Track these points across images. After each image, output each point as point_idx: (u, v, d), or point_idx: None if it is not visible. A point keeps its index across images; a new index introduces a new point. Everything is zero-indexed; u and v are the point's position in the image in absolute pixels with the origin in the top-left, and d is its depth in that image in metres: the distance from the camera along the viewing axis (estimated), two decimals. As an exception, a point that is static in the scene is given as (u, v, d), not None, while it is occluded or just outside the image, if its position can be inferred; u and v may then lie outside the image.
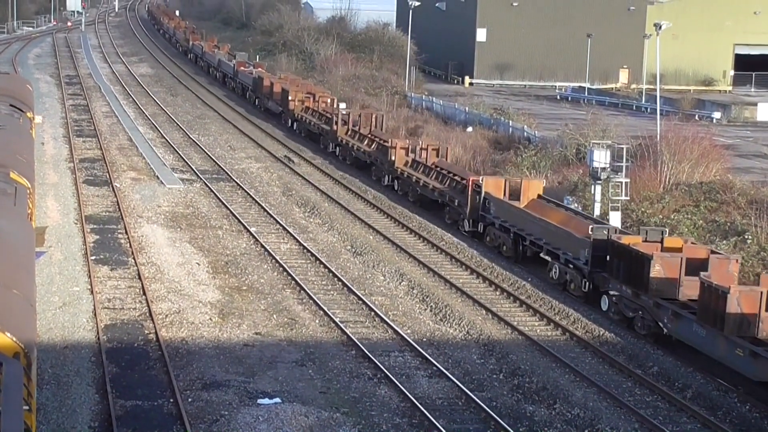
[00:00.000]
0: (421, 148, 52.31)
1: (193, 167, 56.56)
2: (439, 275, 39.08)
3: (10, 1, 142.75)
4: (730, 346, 29.15)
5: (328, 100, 69.89)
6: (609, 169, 42.35)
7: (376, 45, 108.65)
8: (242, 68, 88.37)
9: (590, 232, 36.43)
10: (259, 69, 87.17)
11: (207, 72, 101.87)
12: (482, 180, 44.50)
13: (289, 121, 71.77)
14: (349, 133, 61.34)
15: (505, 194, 43.78)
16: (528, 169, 53.52)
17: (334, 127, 62.48)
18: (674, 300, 32.34)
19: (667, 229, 37.50)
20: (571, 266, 37.44)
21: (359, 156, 58.87)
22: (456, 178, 47.42)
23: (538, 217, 40.46)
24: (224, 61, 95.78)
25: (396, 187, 53.19)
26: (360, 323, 33.52)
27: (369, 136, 58.76)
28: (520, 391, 28.68)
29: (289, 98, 71.17)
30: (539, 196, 43.85)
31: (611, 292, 35.11)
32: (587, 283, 36.41)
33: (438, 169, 49.66)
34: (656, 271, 32.58)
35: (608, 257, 35.25)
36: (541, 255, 39.96)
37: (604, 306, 35.48)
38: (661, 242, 34.32)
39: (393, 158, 53.03)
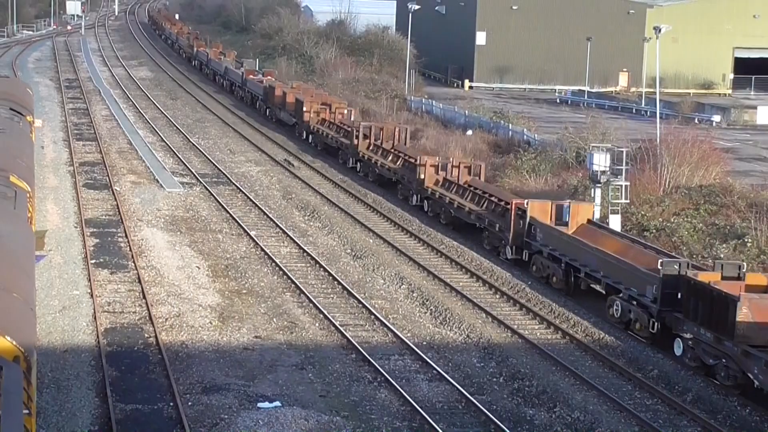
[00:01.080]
0: (453, 166, 48.62)
1: (193, 170, 56.53)
2: (438, 278, 39.06)
3: (10, 5, 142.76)
4: None
5: (345, 111, 66.58)
6: (609, 173, 42.35)
7: (376, 48, 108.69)
8: (251, 77, 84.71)
9: (660, 267, 32.56)
10: (269, 77, 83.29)
11: (213, 80, 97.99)
12: (527, 204, 40.84)
13: (304, 133, 68.07)
14: (371, 147, 57.63)
15: (550, 218, 40.42)
16: (528, 173, 53.52)
17: (355, 141, 58.62)
18: (766, 348, 28.54)
19: (744, 263, 33.15)
20: (635, 304, 33.52)
21: (383, 173, 55.06)
22: (493, 198, 44.13)
23: (594, 247, 36.61)
24: (231, 69, 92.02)
25: (426, 208, 49.22)
26: (360, 327, 33.51)
27: (393, 151, 55.42)
28: (520, 395, 28.67)
29: (304, 109, 67.26)
30: (589, 221, 40.28)
31: (686, 335, 31.09)
32: (656, 324, 32.40)
33: (472, 189, 46.27)
34: (743, 314, 28.83)
35: (681, 295, 31.53)
36: (597, 288, 36.67)
37: (678, 350, 31.50)
38: (738, 277, 31.21)
39: (422, 177, 49.32)
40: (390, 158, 55.01)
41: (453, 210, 46.55)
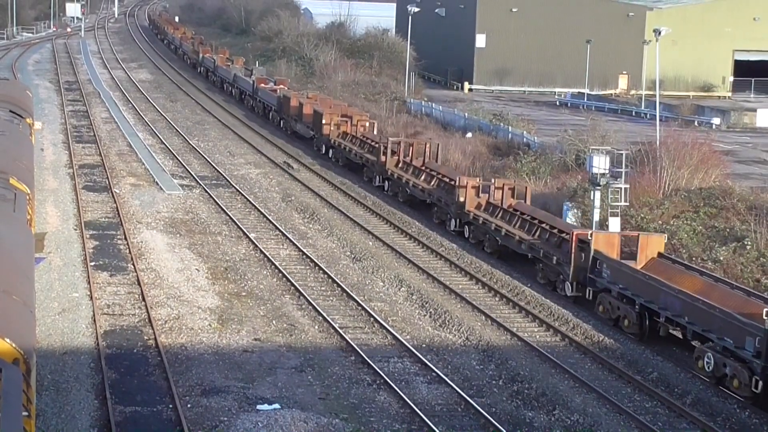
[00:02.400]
0: (495, 187, 44.88)
1: (192, 173, 56.56)
2: (438, 281, 39.06)
3: (9, 7, 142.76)
4: None
5: (366, 124, 62.82)
6: (608, 175, 42.35)
7: (376, 51, 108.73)
8: (262, 85, 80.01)
9: (765, 317, 28.77)
10: (282, 86, 78.96)
11: (221, 88, 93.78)
12: (591, 235, 36.66)
13: (323, 147, 63.89)
14: (401, 165, 53.69)
15: (617, 252, 36.57)
16: (527, 175, 53.53)
17: (382, 158, 54.61)
18: None
19: None
20: (731, 357, 29.41)
21: (415, 194, 50.87)
22: (544, 225, 40.41)
23: (678, 289, 32.28)
24: (241, 76, 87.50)
25: (467, 234, 45.21)
26: (359, 329, 33.51)
27: (425, 169, 51.48)
28: (520, 397, 28.67)
29: (323, 121, 63.11)
30: (660, 255, 36.48)
31: None
32: (758, 382, 28.30)
33: (520, 214, 42.39)
34: None
35: None
36: (672, 331, 33.26)
37: None
38: None
39: (462, 199, 45.39)
40: (423, 177, 50.99)
41: (500, 238, 42.26)
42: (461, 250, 43.80)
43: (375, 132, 62.48)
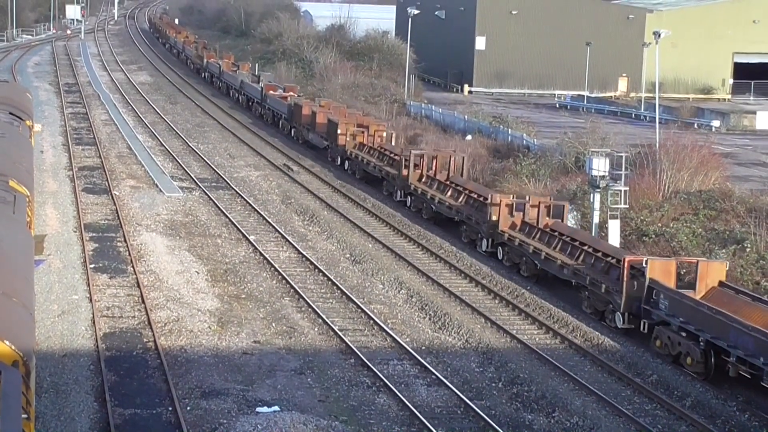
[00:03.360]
0: (531, 205, 41.86)
1: (192, 175, 56.55)
2: (438, 283, 39.04)
3: (9, 10, 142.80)
4: None
5: (384, 134, 60.31)
6: (608, 178, 42.36)
7: (376, 53, 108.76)
8: (271, 92, 77.27)
9: None
10: (291, 93, 76.22)
11: (227, 94, 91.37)
12: (646, 262, 33.54)
13: (338, 158, 61.33)
14: (425, 180, 50.93)
15: (675, 280, 33.69)
16: (527, 177, 53.52)
17: (404, 172, 51.72)
18: None
19: None
20: None
21: (441, 210, 47.91)
22: (588, 248, 37.66)
23: (752, 326, 29.07)
24: (248, 83, 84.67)
25: (501, 256, 42.26)
26: (359, 331, 33.50)
27: (451, 185, 48.92)
28: (519, 400, 28.67)
29: (339, 131, 60.52)
30: (721, 283, 33.24)
31: None
32: None
33: (559, 235, 39.78)
34: None
35: None
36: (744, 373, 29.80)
37: None
38: None
39: (494, 218, 42.52)
40: (449, 193, 48.35)
41: (539, 261, 39.40)
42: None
43: (393, 143, 60.01)
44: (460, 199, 47.00)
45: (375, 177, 56.26)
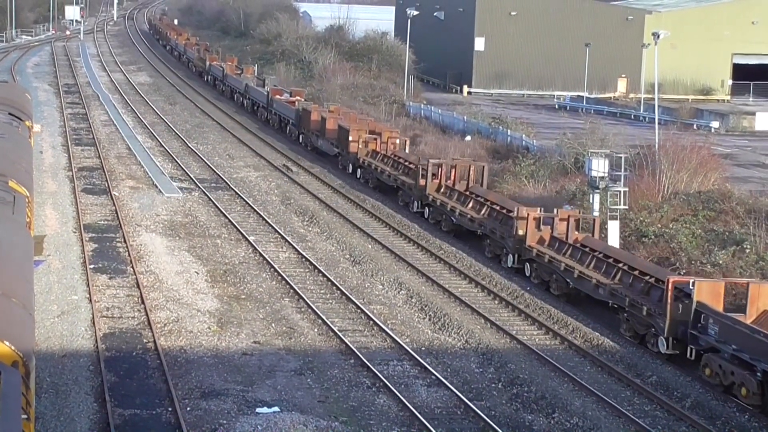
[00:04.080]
0: (560, 219, 39.88)
1: (192, 177, 56.51)
2: (437, 284, 39.03)
3: (8, 10, 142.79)
4: None
5: (397, 141, 58.23)
6: (607, 178, 42.37)
7: (375, 54, 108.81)
8: (278, 96, 75.05)
9: None
10: (298, 97, 74.12)
11: (230, 98, 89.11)
12: (693, 284, 31.20)
13: (350, 166, 59.31)
14: (443, 190, 48.84)
15: (724, 303, 31.38)
16: (526, 178, 53.54)
17: (421, 182, 49.70)
18: None
19: None
20: None
21: (462, 223, 45.82)
22: (623, 266, 35.54)
23: None
24: (253, 87, 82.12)
25: (529, 273, 40.10)
26: (359, 332, 33.49)
27: (471, 195, 46.99)
28: (519, 400, 28.67)
29: (350, 138, 58.50)
30: None
31: None
32: None
33: (591, 251, 37.64)
34: None
35: None
36: None
37: None
38: None
39: (521, 233, 40.38)
40: (470, 205, 46.17)
41: (571, 280, 37.14)
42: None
43: (406, 150, 58.24)
44: (482, 212, 44.79)
45: (389, 186, 53.99)
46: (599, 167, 42.46)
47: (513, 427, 26.78)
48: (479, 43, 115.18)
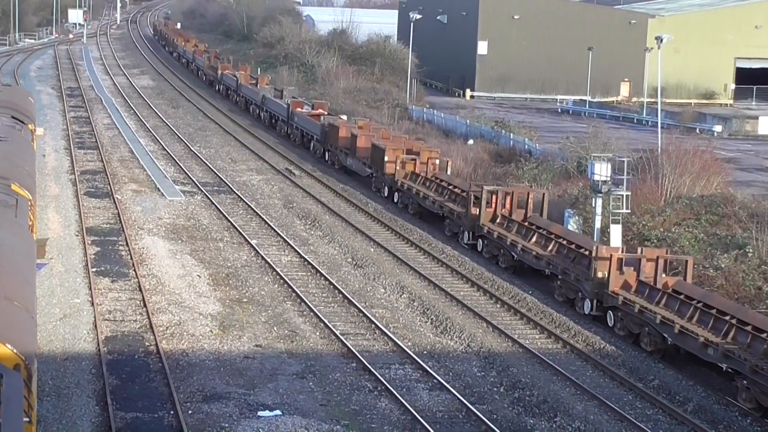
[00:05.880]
0: (647, 259, 34.92)
1: (194, 180, 56.52)
2: (439, 288, 39.01)
3: (12, 14, 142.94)
4: None
5: (437, 161, 53.01)
6: (610, 182, 42.36)
7: (378, 57, 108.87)
8: (299, 109, 69.89)
9: None
10: (321, 110, 69.35)
11: (245, 110, 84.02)
12: None
13: (386, 189, 54.31)
14: (500, 221, 43.89)
15: None
16: (529, 182, 53.54)
17: (473, 210, 44.62)
18: None
19: None
20: None
21: (525, 260, 40.71)
22: (732, 320, 30.72)
23: None
24: (271, 98, 76.87)
25: (612, 322, 35.05)
26: (361, 335, 33.50)
27: (533, 227, 42.10)
28: (521, 404, 28.65)
29: (386, 158, 53.49)
30: None
31: None
32: None
33: (689, 300, 32.81)
34: None
35: None
36: None
37: None
38: None
39: (601, 275, 35.52)
40: (534, 238, 41.37)
41: (670, 336, 32.08)
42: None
43: (448, 171, 53.00)
44: (549, 248, 40.05)
45: (434, 213, 48.82)
46: (602, 171, 42.41)
47: (515, 431, 26.77)
48: (482, 47, 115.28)
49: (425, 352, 32.28)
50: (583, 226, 44.64)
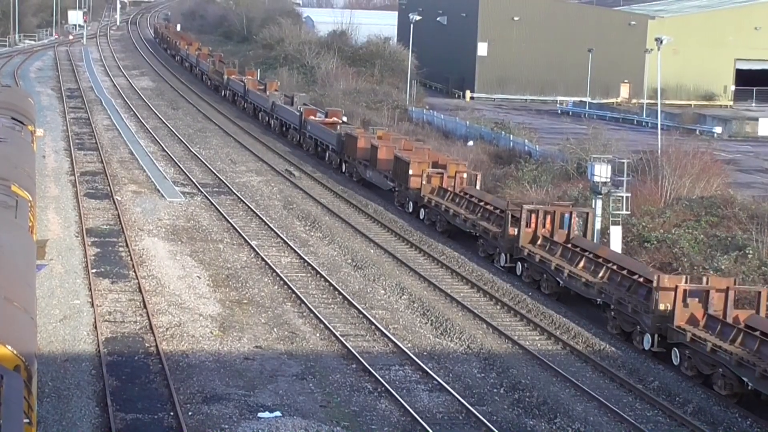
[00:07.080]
0: (715, 291, 31.49)
1: (194, 181, 56.52)
2: (439, 289, 39.00)
3: (12, 15, 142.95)
4: None
5: (464, 175, 49.24)
6: (610, 184, 42.37)
7: (377, 59, 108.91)
8: (312, 117, 66.83)
9: None
10: (335, 118, 66.24)
11: (253, 116, 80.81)
12: None
13: (410, 204, 50.84)
14: (541, 242, 40.42)
15: None
16: (529, 183, 53.55)
17: (511, 230, 41.37)
18: None
19: None
20: None
21: (572, 287, 37.35)
22: None
23: None
24: (281, 105, 73.75)
25: (678, 360, 31.51)
26: (360, 337, 33.49)
27: (580, 252, 38.32)
28: (521, 406, 28.65)
29: (411, 172, 50.10)
30: None
31: None
32: None
33: (763, 336, 29.40)
34: None
35: None
36: None
37: None
38: None
39: (663, 307, 32.06)
40: (581, 263, 37.60)
41: (751, 380, 28.51)
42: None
43: (477, 186, 49.53)
44: (600, 274, 36.35)
45: (466, 232, 45.54)
46: (602, 172, 42.43)
47: (515, 433, 26.78)
48: (482, 48, 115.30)
49: (425, 353, 32.25)
50: (582, 228, 44.58)
